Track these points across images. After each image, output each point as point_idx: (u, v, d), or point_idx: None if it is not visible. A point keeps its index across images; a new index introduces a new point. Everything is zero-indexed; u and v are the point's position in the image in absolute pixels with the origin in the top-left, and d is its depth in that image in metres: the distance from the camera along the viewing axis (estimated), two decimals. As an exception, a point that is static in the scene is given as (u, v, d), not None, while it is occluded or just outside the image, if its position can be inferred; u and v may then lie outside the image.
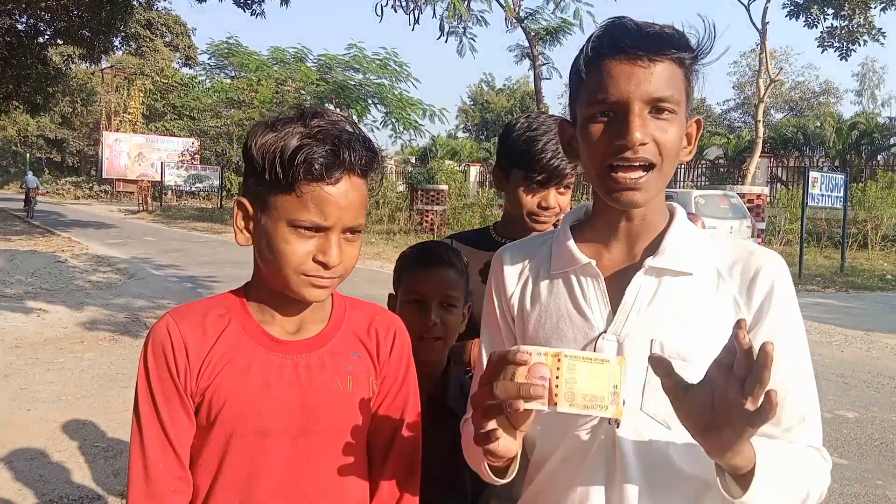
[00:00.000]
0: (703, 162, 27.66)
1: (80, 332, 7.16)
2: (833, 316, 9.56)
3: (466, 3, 14.20)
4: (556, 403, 0.85)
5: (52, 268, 11.75)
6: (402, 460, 1.25)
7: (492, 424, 0.90)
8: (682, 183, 25.94)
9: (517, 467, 1.04)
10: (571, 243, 1.14)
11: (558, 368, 0.86)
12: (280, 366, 1.16)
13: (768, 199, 17.68)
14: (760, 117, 19.60)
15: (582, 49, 1.06)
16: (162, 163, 31.15)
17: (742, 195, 14.12)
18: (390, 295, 1.62)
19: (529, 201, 1.69)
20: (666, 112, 1.01)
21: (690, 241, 1.11)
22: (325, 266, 1.09)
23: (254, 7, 15.07)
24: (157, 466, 1.11)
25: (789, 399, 1.04)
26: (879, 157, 27.59)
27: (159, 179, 31.18)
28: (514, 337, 1.20)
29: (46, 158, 48.58)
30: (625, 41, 1.00)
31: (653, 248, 1.10)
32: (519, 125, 1.70)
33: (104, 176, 37.53)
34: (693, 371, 1.04)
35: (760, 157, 21.13)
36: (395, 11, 13.05)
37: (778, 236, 17.22)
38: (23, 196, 26.08)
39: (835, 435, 4.84)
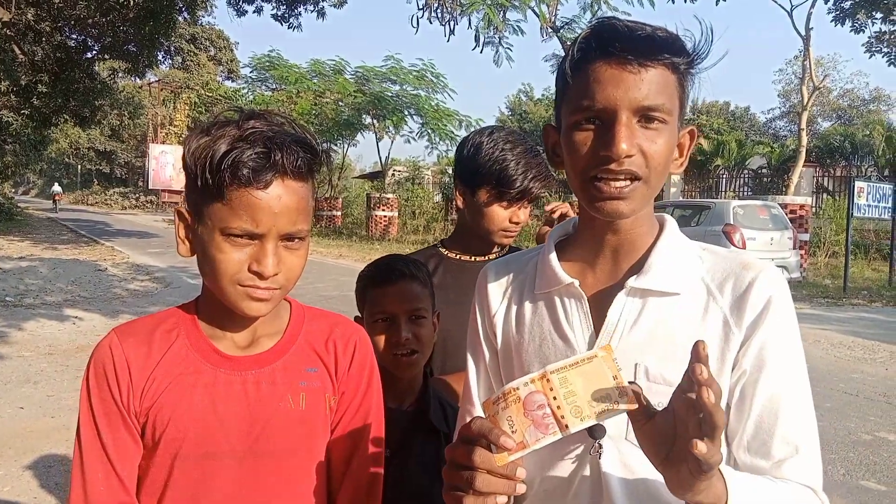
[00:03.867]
0: (746, 172, 27.00)
1: (111, 339, 7.29)
2: (879, 331, 9.16)
3: (501, 13, 14.17)
4: (567, 426, 0.79)
5: (92, 276, 12.07)
6: (362, 480, 1.19)
7: (469, 502, 0.82)
8: (724, 193, 25.36)
9: None
10: (555, 262, 1.08)
11: (551, 390, 0.80)
12: (227, 383, 1.11)
13: (813, 210, 17.15)
14: (804, 125, 19.02)
15: (569, 51, 0.99)
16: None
17: (784, 206, 13.69)
18: (356, 318, 1.57)
19: (501, 218, 1.69)
20: (656, 122, 0.94)
21: (679, 257, 1.03)
22: (261, 276, 1.03)
23: (290, 21, 15.40)
24: (97, 490, 1.08)
25: (780, 426, 0.95)
26: (932, 167, 26.51)
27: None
28: (497, 358, 1.14)
29: (96, 170, 50.25)
30: (614, 44, 0.93)
31: (638, 267, 1.03)
32: (487, 143, 1.68)
33: (150, 187, 38.57)
34: None
35: (805, 166, 20.51)
36: (431, 23, 13.13)
37: (823, 248, 16.67)
38: (51, 200, 36.60)
39: (873, 458, 4.59)
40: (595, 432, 0.98)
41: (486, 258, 1.76)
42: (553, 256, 1.08)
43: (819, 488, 0.95)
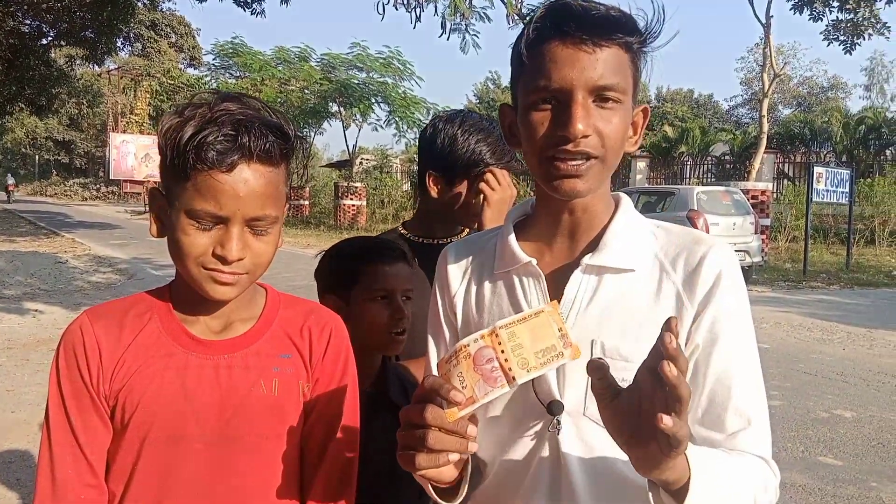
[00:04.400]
0: (709, 158, 27.46)
1: (74, 332, 7.15)
2: (837, 313, 9.45)
3: (467, 0, 14.13)
4: (514, 378, 0.81)
5: (52, 269, 11.78)
6: (335, 467, 1.18)
7: (421, 461, 0.84)
8: (687, 179, 25.76)
9: (466, 488, 0.97)
10: (513, 241, 1.09)
11: (500, 344, 0.82)
12: (199, 367, 1.10)
13: (774, 196, 17.52)
14: (765, 112, 19.41)
15: (523, 31, 0.99)
16: (167, 163, 31.14)
17: (746, 191, 13.97)
18: (324, 295, 1.55)
19: (478, 205, 1.69)
20: (611, 101, 0.95)
21: (634, 235, 1.05)
22: (224, 260, 1.02)
23: (254, 6, 15.10)
24: (65, 474, 1.06)
25: (733, 399, 0.97)
26: (888, 152, 27.31)
27: (165, 180, 31.27)
28: (457, 338, 1.14)
29: (55, 160, 48.92)
30: (569, 24, 0.93)
31: (594, 245, 1.04)
32: (461, 136, 1.69)
33: (111, 177, 37.62)
34: (633, 372, 0.99)
35: (766, 153, 20.93)
36: (397, 9, 13.00)
37: (784, 232, 17.06)
38: (4, 191, 36.80)
39: (830, 435, 4.75)
40: (553, 408, 0.99)
41: (448, 240, 1.76)
42: (511, 237, 1.09)
43: (770, 458, 0.98)
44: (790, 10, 17.75)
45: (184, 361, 1.09)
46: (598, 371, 0.81)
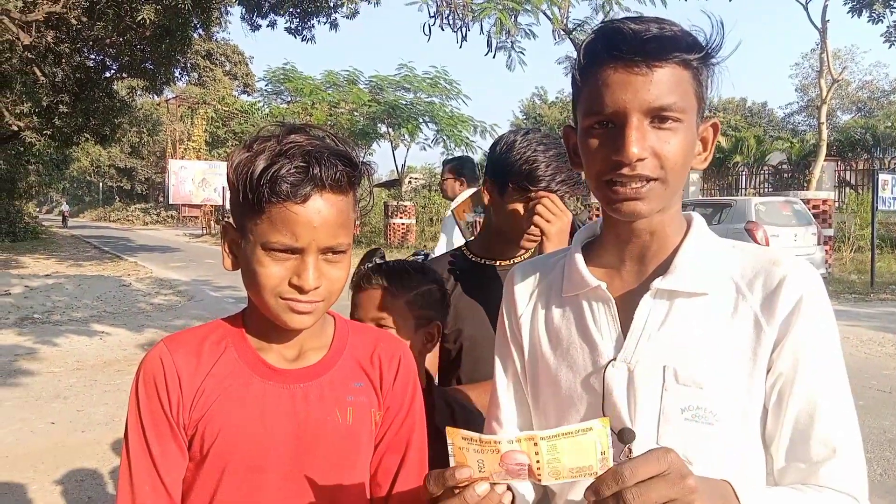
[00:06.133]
0: (766, 168, 26.69)
1: (138, 354, 7.38)
2: (909, 326, 8.99)
3: (513, 17, 14.16)
4: (540, 480, 0.78)
5: (116, 292, 12.21)
6: (406, 496, 1.18)
7: None
8: (743, 190, 25.08)
9: None
10: (581, 265, 1.07)
11: (537, 454, 0.78)
12: (276, 396, 1.11)
13: (836, 205, 16.90)
14: (824, 119, 18.75)
15: (577, 55, 0.99)
16: (224, 187, 32.08)
17: (807, 201, 13.51)
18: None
19: (523, 218, 1.66)
20: (669, 121, 0.93)
21: (707, 257, 1.02)
22: (301, 290, 1.03)
23: (304, 33, 15.51)
24: (144, 502, 1.07)
25: (817, 428, 0.93)
26: (958, 157, 26.04)
27: (221, 203, 32.17)
28: (524, 360, 1.14)
29: (117, 187, 50.91)
30: (620, 47, 0.92)
31: (664, 268, 1.01)
32: (521, 142, 1.67)
33: (170, 202, 38.99)
34: (708, 399, 0.96)
35: (826, 160, 20.21)
36: (443, 30, 13.14)
37: (848, 243, 16.41)
38: (60, 217, 42.72)
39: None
40: (624, 436, 0.97)
41: (511, 262, 1.74)
42: (579, 258, 1.08)
43: (862, 496, 0.92)
44: (848, 13, 17.18)
45: (261, 391, 1.11)
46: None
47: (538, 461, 0.77)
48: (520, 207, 1.66)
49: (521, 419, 1.16)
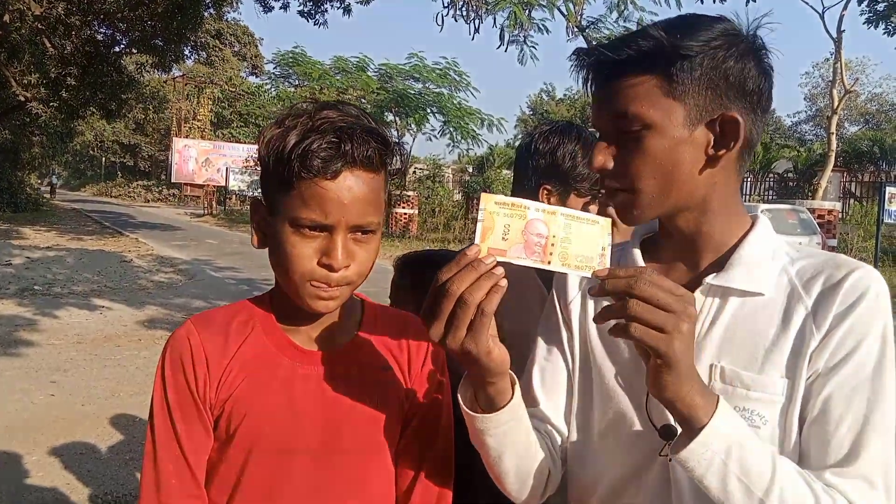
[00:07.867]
0: (771, 175, 26.66)
1: (138, 330, 7.37)
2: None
3: (528, 11, 14.09)
4: (549, 262, 0.87)
5: (117, 267, 12.19)
6: (432, 482, 1.16)
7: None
8: (747, 196, 25.06)
9: (512, 398, 0.97)
10: (638, 257, 1.07)
11: (555, 226, 0.88)
12: (304, 378, 1.09)
13: (840, 215, 16.89)
14: (833, 129, 18.71)
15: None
16: (227, 168, 32.05)
17: (812, 210, 13.50)
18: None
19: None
20: (633, 132, 0.94)
21: (767, 257, 0.99)
22: (331, 269, 1.01)
23: (317, 17, 15.44)
24: (169, 482, 1.06)
25: (840, 431, 0.89)
26: (964, 173, 26.02)
27: (224, 184, 32.11)
28: (569, 343, 1.13)
29: (120, 163, 50.83)
30: (586, 72, 1.00)
31: (719, 265, 0.99)
32: (572, 144, 1.69)
33: (173, 180, 38.90)
34: (755, 401, 0.93)
35: (833, 171, 20.19)
36: (456, 21, 13.08)
37: (850, 254, 16.39)
38: (49, 188, 39.88)
39: None
40: (668, 433, 0.95)
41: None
42: (637, 253, 1.08)
43: None
44: (864, 24, 17.12)
45: (290, 372, 1.09)
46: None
47: (554, 236, 0.87)
48: (579, 204, 1.68)
49: (550, 403, 1.14)
